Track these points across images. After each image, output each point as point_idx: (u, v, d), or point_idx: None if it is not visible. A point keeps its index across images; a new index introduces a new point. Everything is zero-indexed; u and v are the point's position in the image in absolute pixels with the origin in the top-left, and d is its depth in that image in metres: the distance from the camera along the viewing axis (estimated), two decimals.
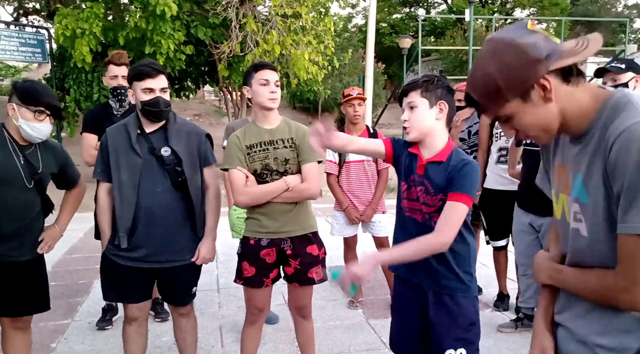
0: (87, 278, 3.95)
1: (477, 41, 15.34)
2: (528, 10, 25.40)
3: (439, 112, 1.63)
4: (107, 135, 2.07)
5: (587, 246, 0.98)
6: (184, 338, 2.25)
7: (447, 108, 1.63)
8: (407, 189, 1.68)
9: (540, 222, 2.76)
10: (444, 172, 1.59)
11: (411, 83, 1.66)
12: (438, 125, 1.64)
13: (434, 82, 1.63)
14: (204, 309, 3.31)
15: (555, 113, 0.97)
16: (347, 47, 14.20)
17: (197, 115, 17.35)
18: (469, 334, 1.63)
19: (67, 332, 3.01)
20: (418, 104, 1.62)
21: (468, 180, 1.56)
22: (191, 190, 2.05)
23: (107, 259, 2.08)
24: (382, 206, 3.31)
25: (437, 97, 1.63)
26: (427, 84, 1.62)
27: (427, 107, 1.62)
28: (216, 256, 4.45)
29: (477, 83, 1.00)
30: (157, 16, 6.99)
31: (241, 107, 10.27)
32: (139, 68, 1.99)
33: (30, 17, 14.68)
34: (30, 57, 8.35)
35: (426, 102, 1.62)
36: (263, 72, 2.06)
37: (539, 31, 0.95)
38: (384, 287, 3.50)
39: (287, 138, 2.10)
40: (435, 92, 1.62)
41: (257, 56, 7.64)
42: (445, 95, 1.64)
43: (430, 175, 1.61)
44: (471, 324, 1.64)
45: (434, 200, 1.60)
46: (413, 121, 1.63)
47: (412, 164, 1.66)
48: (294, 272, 2.13)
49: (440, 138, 1.64)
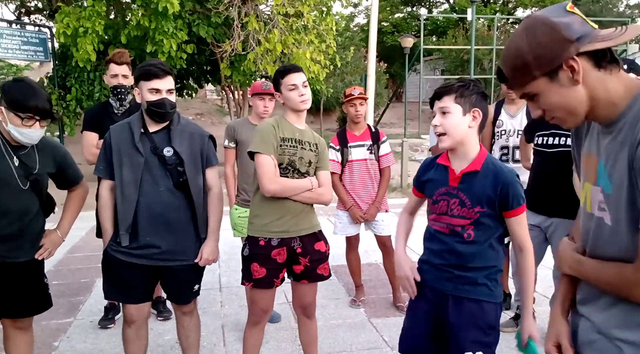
0: (89, 276, 3.96)
1: (478, 40, 15.31)
2: (530, 10, 25.36)
3: (472, 119, 1.57)
4: (111, 133, 2.07)
5: (609, 236, 0.98)
6: (187, 337, 2.25)
7: (480, 116, 1.58)
8: (434, 203, 1.63)
9: (549, 222, 2.76)
10: (483, 182, 1.55)
11: (446, 87, 1.59)
12: (471, 133, 1.58)
13: (470, 87, 1.57)
14: (207, 308, 3.31)
15: (582, 96, 0.96)
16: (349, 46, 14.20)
17: (199, 114, 17.35)
18: (489, 339, 1.61)
19: (69, 331, 3.01)
20: (452, 110, 1.56)
21: (517, 190, 1.54)
22: (192, 190, 2.05)
23: (109, 256, 2.08)
24: (385, 204, 3.31)
25: (472, 104, 1.56)
26: (462, 89, 1.56)
27: (461, 114, 1.56)
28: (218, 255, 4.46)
29: (508, 58, 1.01)
30: (160, 14, 6.99)
31: (243, 106, 10.27)
32: (147, 67, 1.97)
33: (32, 15, 14.70)
34: (33, 56, 8.36)
35: (460, 108, 1.56)
36: (289, 77, 2.08)
37: (577, 13, 0.95)
38: (386, 286, 3.50)
39: (313, 142, 2.15)
40: (470, 98, 1.56)
41: (259, 55, 7.64)
42: (479, 102, 1.58)
43: (465, 187, 1.56)
44: (491, 328, 1.61)
45: (470, 213, 1.55)
46: (447, 127, 1.56)
47: (444, 176, 1.61)
48: (304, 270, 2.13)
49: (474, 147, 1.59)
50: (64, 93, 8.25)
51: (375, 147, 3.24)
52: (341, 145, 3.23)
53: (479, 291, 1.59)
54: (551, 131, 2.74)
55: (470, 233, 1.57)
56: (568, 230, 3.08)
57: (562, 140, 2.71)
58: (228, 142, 2.96)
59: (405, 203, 1.87)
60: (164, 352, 2.73)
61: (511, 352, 2.75)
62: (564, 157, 2.67)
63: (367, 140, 3.24)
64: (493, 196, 1.54)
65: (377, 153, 3.24)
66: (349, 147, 3.22)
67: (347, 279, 3.66)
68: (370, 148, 3.23)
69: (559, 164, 2.69)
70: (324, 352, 2.71)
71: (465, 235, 1.56)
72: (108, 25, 7.88)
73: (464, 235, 1.56)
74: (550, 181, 2.73)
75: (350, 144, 3.22)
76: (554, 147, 2.71)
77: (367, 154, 3.23)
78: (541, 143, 2.76)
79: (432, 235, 1.66)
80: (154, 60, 2.07)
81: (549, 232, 2.80)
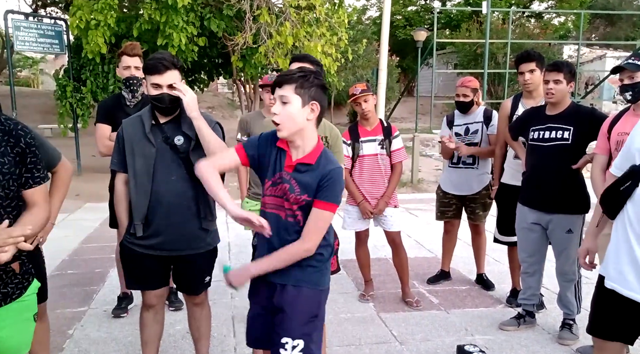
0: (103, 267, 4.03)
1: (493, 34, 15.07)
2: (546, 3, 24.89)
3: (310, 112, 1.58)
4: (123, 127, 2.11)
5: None
6: (198, 327, 2.29)
7: (318, 110, 1.59)
8: (272, 185, 1.66)
9: (549, 218, 2.72)
10: (313, 176, 1.59)
11: (287, 75, 1.59)
12: (309, 126, 1.60)
13: (310, 78, 1.57)
14: (217, 300, 3.35)
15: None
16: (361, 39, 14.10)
17: (211, 108, 17.43)
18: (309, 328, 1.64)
19: (83, 319, 3.08)
20: (291, 100, 1.56)
21: (335, 189, 1.59)
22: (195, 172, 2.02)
23: (125, 248, 2.13)
24: (394, 200, 3.30)
25: (311, 97, 1.57)
26: (302, 80, 1.56)
27: (300, 106, 1.57)
28: (229, 248, 4.51)
29: None
30: (170, 7, 7.01)
31: (254, 99, 10.29)
32: (150, 62, 2.00)
33: (48, 8, 14.86)
34: (49, 48, 8.44)
35: (299, 99, 1.56)
36: (303, 67, 2.05)
37: None
38: (395, 281, 3.50)
39: (323, 135, 2.15)
40: (309, 90, 1.56)
41: (270, 48, 7.63)
42: (319, 96, 1.59)
43: (298, 175, 1.61)
44: (312, 317, 1.65)
45: (297, 199, 1.60)
46: (284, 118, 1.57)
47: (281, 160, 1.64)
48: None
49: (311, 139, 1.62)
50: (79, 86, 8.34)
51: (387, 141, 3.23)
52: (352, 140, 3.23)
53: (300, 277, 1.64)
54: (547, 125, 2.67)
55: (298, 218, 1.62)
56: (568, 227, 3.07)
57: (558, 133, 2.64)
58: (241, 136, 2.99)
59: None
60: (175, 341, 2.78)
61: (523, 349, 2.74)
62: (562, 150, 2.63)
63: (379, 134, 3.23)
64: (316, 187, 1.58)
65: (389, 148, 3.23)
66: (361, 141, 3.21)
67: (357, 273, 3.67)
68: (382, 143, 3.22)
69: (557, 158, 2.63)
70: (333, 345, 2.73)
71: (292, 220, 1.62)
72: (121, 19, 7.93)
73: (292, 220, 1.62)
74: (548, 176, 2.67)
75: (362, 139, 3.22)
76: (550, 140, 2.65)
77: (379, 149, 3.22)
78: (536, 137, 2.69)
79: (265, 218, 1.64)
80: (161, 53, 2.06)
81: (549, 229, 2.76)
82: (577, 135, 2.60)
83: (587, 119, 2.61)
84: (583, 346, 2.68)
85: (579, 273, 2.84)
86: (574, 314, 2.83)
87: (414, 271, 3.84)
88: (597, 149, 2.50)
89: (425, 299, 3.43)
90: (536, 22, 21.29)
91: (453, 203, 3.54)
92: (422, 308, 3.26)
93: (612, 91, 15.08)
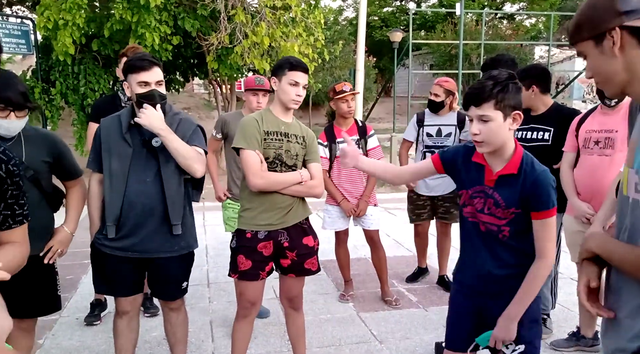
0: (75, 273, 3.90)
1: (467, 35, 15.36)
2: (518, 5, 25.50)
3: (513, 122, 1.49)
4: (101, 126, 2.08)
5: None
6: (174, 333, 2.23)
7: (521, 118, 1.51)
8: (470, 198, 1.59)
9: None
10: (517, 186, 1.50)
11: (482, 90, 1.46)
12: (510, 135, 1.52)
13: (509, 90, 1.45)
14: (194, 304, 3.29)
15: (618, 69, 1.00)
16: (338, 40, 14.15)
17: (187, 109, 17.16)
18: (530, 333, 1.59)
19: (54, 328, 2.97)
20: (493, 118, 1.46)
21: (546, 192, 1.49)
22: (163, 175, 1.99)
23: (95, 249, 2.07)
24: (373, 198, 3.31)
25: (512, 107, 1.47)
26: (502, 95, 1.45)
27: (502, 120, 1.47)
28: (206, 251, 4.44)
29: (577, 13, 1.07)
30: (142, 7, 6.87)
31: (231, 100, 10.18)
32: (133, 61, 1.98)
33: (14, 7, 14.35)
34: (15, 49, 8.12)
35: (501, 114, 1.46)
36: (296, 74, 2.06)
37: None
38: (375, 280, 3.51)
39: (300, 135, 2.14)
40: (509, 102, 1.46)
41: (246, 48, 7.56)
42: (519, 100, 1.49)
43: (501, 188, 1.53)
44: (532, 322, 1.59)
45: (505, 213, 1.53)
46: (485, 135, 1.47)
47: (479, 175, 1.57)
48: (291, 263, 2.14)
49: (511, 146, 1.54)
50: (48, 87, 8.08)
51: (362, 141, 3.23)
52: (329, 141, 3.22)
53: None
54: (530, 125, 2.71)
55: (505, 232, 1.54)
56: None
57: (539, 134, 2.69)
58: (215, 133, 2.97)
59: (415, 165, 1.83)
60: (151, 348, 2.71)
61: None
62: (542, 150, 2.68)
63: (354, 134, 3.23)
64: (524, 197, 1.51)
65: (365, 148, 3.24)
66: (337, 142, 3.21)
67: (336, 274, 3.67)
68: (358, 142, 3.22)
69: (538, 159, 2.68)
70: (313, 347, 2.71)
71: (500, 236, 1.55)
72: (91, 18, 7.72)
73: (499, 236, 1.55)
74: None
75: (338, 140, 3.21)
76: (532, 140, 2.69)
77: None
78: (520, 137, 2.73)
79: (467, 229, 1.63)
80: (140, 52, 2.06)
81: None
82: (557, 136, 2.65)
83: (569, 120, 2.64)
84: (556, 340, 2.74)
85: (555, 270, 2.90)
86: (548, 309, 2.88)
87: (393, 270, 3.85)
88: (566, 147, 2.57)
89: (404, 297, 3.45)
90: (508, 24, 21.82)
91: (427, 204, 3.54)
92: (401, 306, 3.28)
93: (582, 90, 15.56)
